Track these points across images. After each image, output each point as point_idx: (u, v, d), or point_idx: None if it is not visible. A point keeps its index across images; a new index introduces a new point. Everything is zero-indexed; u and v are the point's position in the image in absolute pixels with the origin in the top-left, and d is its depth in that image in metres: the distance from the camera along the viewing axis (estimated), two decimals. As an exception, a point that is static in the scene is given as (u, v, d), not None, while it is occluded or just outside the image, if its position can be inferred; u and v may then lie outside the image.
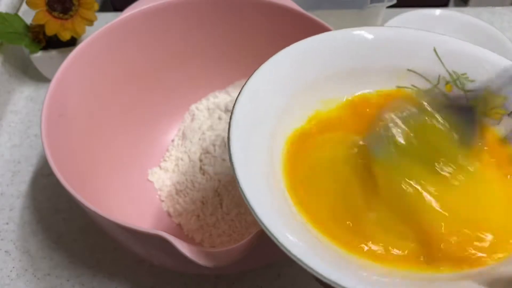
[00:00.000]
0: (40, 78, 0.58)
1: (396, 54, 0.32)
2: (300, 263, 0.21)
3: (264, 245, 0.32)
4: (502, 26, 0.66)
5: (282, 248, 0.22)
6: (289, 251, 0.22)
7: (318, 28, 0.41)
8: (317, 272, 0.21)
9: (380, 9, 0.58)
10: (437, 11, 0.61)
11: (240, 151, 0.25)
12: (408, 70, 0.32)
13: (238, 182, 0.24)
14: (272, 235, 0.22)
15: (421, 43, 0.32)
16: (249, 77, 0.29)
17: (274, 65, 0.30)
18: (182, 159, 0.48)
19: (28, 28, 0.55)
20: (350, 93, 0.32)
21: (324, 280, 0.21)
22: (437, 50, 0.32)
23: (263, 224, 0.22)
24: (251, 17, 0.46)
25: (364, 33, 0.32)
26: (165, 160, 0.49)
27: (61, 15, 0.52)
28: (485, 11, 0.68)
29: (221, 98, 0.51)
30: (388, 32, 0.33)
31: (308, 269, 0.21)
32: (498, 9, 0.68)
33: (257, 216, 0.23)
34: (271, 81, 0.29)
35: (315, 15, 0.42)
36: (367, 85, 0.33)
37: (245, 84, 0.28)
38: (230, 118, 0.26)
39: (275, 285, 0.41)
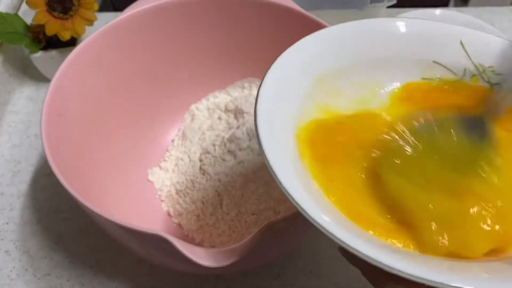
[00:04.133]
0: (40, 78, 0.58)
1: (422, 46, 0.32)
2: (333, 238, 0.21)
3: (264, 245, 0.32)
4: (502, 26, 0.66)
5: (326, 233, 0.22)
6: (330, 232, 0.21)
7: (318, 28, 0.41)
8: (357, 250, 0.21)
9: (380, 9, 0.58)
10: (437, 11, 0.61)
11: (267, 133, 0.25)
12: (434, 62, 0.32)
13: (266, 161, 0.23)
14: (315, 221, 0.22)
15: (448, 35, 0.32)
16: (279, 56, 0.29)
17: (302, 48, 0.30)
18: (182, 159, 0.48)
19: (28, 28, 0.55)
20: (375, 83, 0.32)
21: (361, 256, 0.21)
22: (464, 43, 0.32)
23: (294, 200, 0.22)
24: (251, 17, 0.46)
25: (392, 23, 0.32)
26: (165, 160, 0.49)
27: (61, 15, 0.52)
28: (485, 11, 0.68)
29: (221, 98, 0.51)
30: (415, 24, 0.33)
31: (341, 243, 0.21)
32: (498, 9, 0.68)
33: (288, 193, 0.22)
34: (298, 62, 0.29)
35: (315, 15, 0.42)
36: (392, 75, 0.32)
37: (273, 63, 0.28)
38: (256, 103, 0.26)
39: (275, 285, 0.41)
